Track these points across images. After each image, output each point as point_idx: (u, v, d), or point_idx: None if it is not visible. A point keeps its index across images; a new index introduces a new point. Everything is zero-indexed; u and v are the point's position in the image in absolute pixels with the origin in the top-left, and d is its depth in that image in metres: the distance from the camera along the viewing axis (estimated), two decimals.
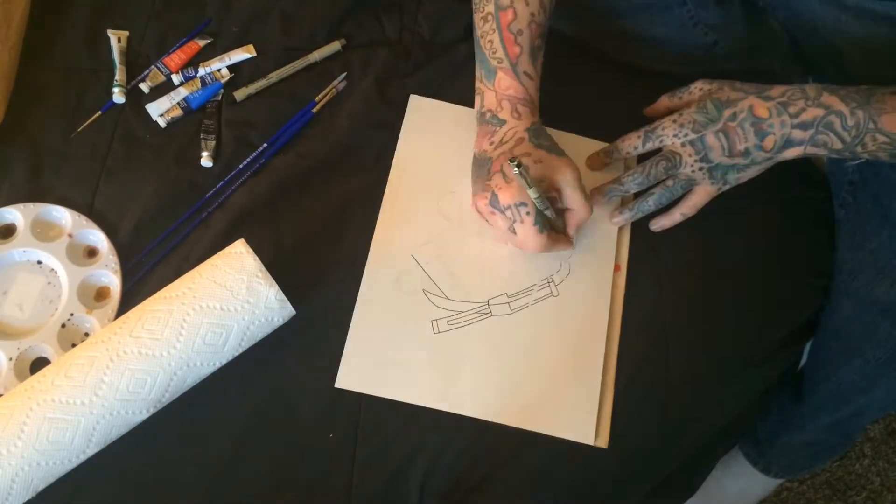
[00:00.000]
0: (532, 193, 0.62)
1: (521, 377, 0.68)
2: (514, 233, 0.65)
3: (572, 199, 0.66)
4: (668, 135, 0.68)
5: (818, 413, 0.92)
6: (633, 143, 0.70)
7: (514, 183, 0.63)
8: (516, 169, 0.59)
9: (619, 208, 0.73)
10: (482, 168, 0.67)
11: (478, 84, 0.70)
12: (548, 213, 0.65)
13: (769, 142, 0.65)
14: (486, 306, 0.70)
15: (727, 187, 0.70)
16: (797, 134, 0.64)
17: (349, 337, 0.67)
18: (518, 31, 0.67)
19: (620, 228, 0.74)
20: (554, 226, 0.68)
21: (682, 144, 0.67)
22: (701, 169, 0.68)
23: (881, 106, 0.62)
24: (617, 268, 0.73)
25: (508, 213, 0.64)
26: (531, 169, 0.63)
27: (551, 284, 0.71)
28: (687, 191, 0.70)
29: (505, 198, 0.63)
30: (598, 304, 0.71)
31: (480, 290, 0.70)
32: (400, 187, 0.74)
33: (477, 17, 0.70)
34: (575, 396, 0.68)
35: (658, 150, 0.70)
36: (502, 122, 0.67)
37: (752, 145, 0.66)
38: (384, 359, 0.67)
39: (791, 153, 0.66)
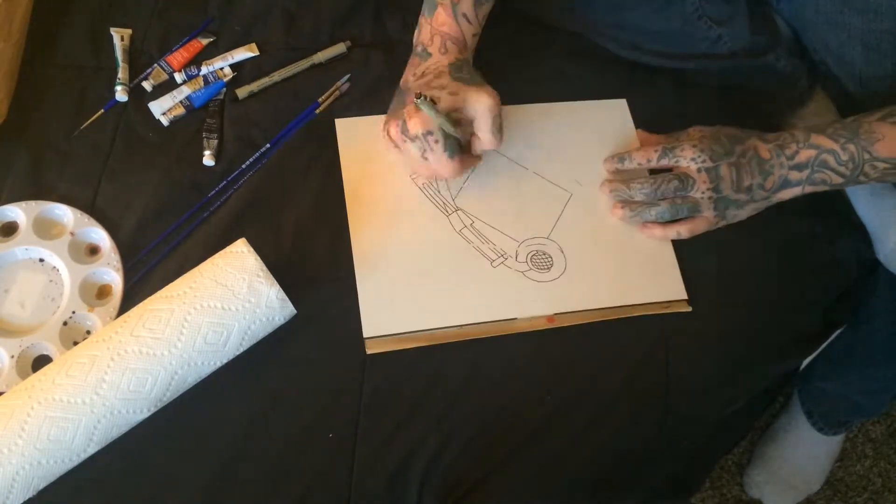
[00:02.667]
0: (436, 121, 0.63)
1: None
2: (427, 159, 0.67)
3: (480, 127, 0.67)
4: (686, 157, 0.69)
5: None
6: (648, 156, 0.72)
7: (422, 112, 0.64)
8: (418, 101, 0.61)
9: (621, 205, 0.73)
10: (401, 98, 0.70)
11: (420, 18, 0.72)
12: (457, 135, 0.67)
13: (770, 182, 0.69)
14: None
15: (723, 223, 0.72)
16: (794, 175, 0.68)
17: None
18: None
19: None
20: (465, 149, 0.71)
21: (698, 170, 0.69)
22: (710, 198, 0.70)
23: (871, 135, 0.65)
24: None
25: (418, 142, 0.65)
26: (444, 101, 0.65)
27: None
28: (688, 215, 0.71)
29: (413, 125, 0.64)
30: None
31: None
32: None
33: None
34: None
35: (667, 169, 0.71)
36: (429, 56, 0.70)
37: (756, 183, 0.69)
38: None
39: (788, 194, 0.70)
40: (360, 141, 0.76)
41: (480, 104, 0.66)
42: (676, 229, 0.72)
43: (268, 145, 0.75)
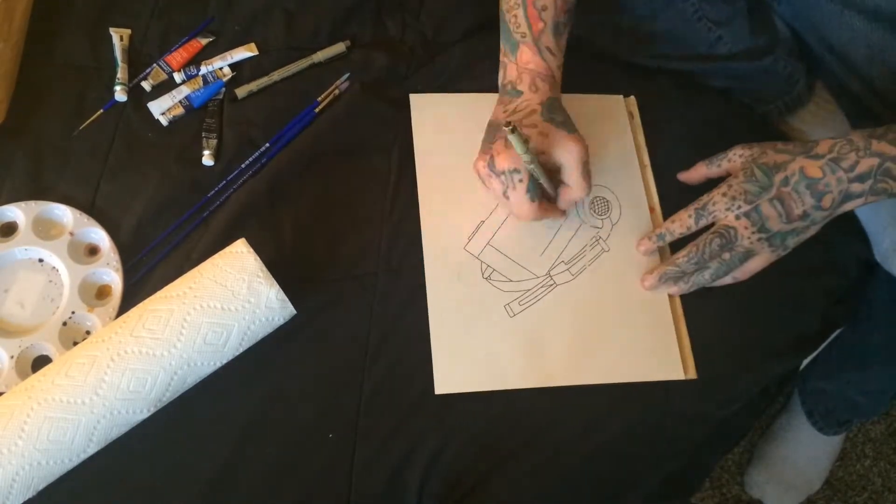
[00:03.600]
0: (525, 159, 0.62)
1: (600, 335, 0.70)
2: (508, 198, 0.66)
3: (570, 176, 0.66)
4: (721, 209, 0.65)
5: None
6: (686, 224, 0.68)
7: (512, 150, 0.63)
8: (509, 132, 0.58)
9: (674, 283, 0.72)
10: (491, 133, 0.68)
11: (501, 57, 0.71)
12: (542, 182, 0.66)
13: (827, 200, 0.63)
14: (549, 278, 0.72)
15: (787, 252, 0.68)
16: (856, 187, 0.62)
17: (433, 343, 0.68)
18: (543, 6, 0.68)
19: (643, 176, 0.77)
20: (548, 196, 0.69)
21: (737, 217, 0.65)
22: (759, 240, 0.65)
23: None
24: (651, 210, 0.76)
25: (503, 178, 0.64)
26: (534, 140, 0.64)
27: (601, 241, 0.74)
28: (745, 261, 0.68)
29: (500, 162, 0.64)
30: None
31: (538, 265, 0.72)
32: (431, 187, 0.74)
33: None
34: (655, 338, 0.71)
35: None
36: (520, 94, 0.68)
37: (811, 206, 0.63)
38: (473, 355, 0.68)
39: (851, 205, 0.64)
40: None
41: (570, 152, 0.65)
42: (732, 275, 0.69)
43: (267, 145, 0.75)
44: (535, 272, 0.72)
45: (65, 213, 0.70)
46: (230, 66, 0.80)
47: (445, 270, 0.71)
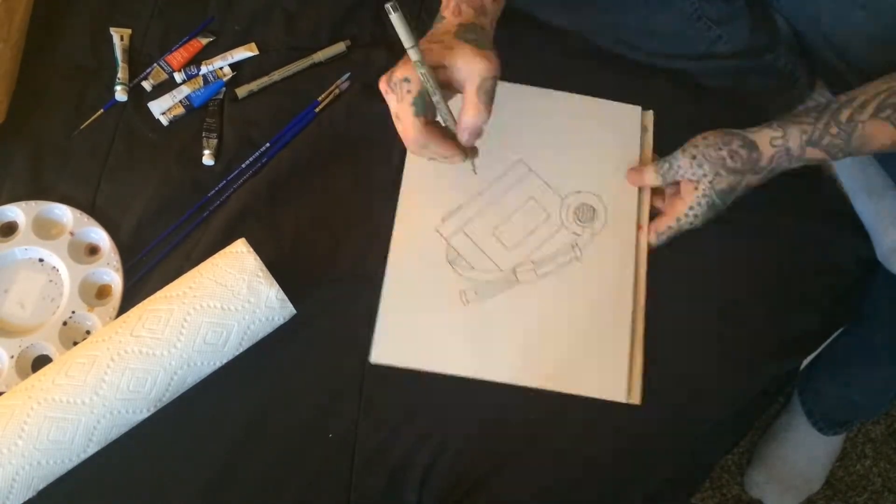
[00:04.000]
0: (415, 57, 0.55)
1: (550, 341, 0.69)
2: (398, 118, 0.60)
3: (467, 94, 0.59)
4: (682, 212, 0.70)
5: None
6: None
7: (409, 62, 0.57)
8: (391, 9, 0.52)
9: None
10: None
11: None
12: (435, 98, 0.59)
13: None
14: (513, 274, 0.71)
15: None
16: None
17: (380, 313, 0.68)
18: None
19: (640, 190, 0.75)
20: (445, 120, 0.63)
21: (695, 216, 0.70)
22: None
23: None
24: (639, 227, 0.74)
25: (396, 90, 0.59)
26: (434, 53, 0.58)
27: (575, 248, 0.72)
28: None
29: (397, 72, 0.59)
30: (623, 265, 0.72)
31: (505, 259, 0.71)
32: (416, 168, 0.74)
33: None
34: (605, 356, 0.69)
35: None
36: (443, 19, 0.64)
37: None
38: (416, 332, 0.68)
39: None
40: None
41: (472, 66, 0.58)
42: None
43: (267, 144, 0.75)
44: (500, 265, 0.71)
45: (65, 213, 0.70)
46: (230, 65, 0.80)
47: (411, 246, 0.70)
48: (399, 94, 0.58)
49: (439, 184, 0.73)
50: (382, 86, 0.60)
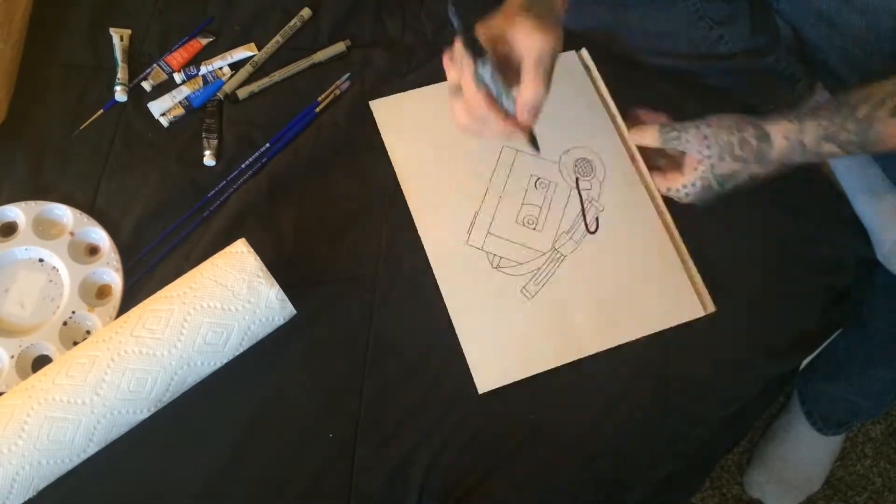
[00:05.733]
0: (479, 68, 0.57)
1: (617, 294, 0.71)
2: (459, 91, 0.60)
3: (525, 70, 0.58)
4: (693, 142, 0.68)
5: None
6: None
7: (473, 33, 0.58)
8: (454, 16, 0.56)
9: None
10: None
11: None
12: (482, 70, 0.58)
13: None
14: (555, 251, 0.72)
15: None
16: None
17: (464, 346, 0.68)
18: None
19: (616, 126, 0.77)
20: (497, 96, 0.62)
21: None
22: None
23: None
24: (633, 159, 0.76)
25: (458, 65, 0.59)
26: (494, 24, 0.58)
27: (594, 203, 0.74)
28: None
29: (458, 45, 0.59)
30: (637, 195, 0.75)
31: (541, 241, 0.73)
32: (416, 189, 0.74)
33: None
34: (667, 285, 0.72)
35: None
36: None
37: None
38: (503, 346, 0.68)
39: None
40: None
41: (530, 40, 0.57)
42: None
43: (267, 144, 0.75)
44: (540, 249, 0.72)
45: (65, 213, 0.70)
46: (230, 65, 0.80)
47: (454, 269, 0.71)
48: (462, 65, 0.58)
49: (445, 201, 0.74)
50: (445, 60, 0.61)
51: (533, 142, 0.66)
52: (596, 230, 0.73)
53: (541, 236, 0.73)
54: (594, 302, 0.70)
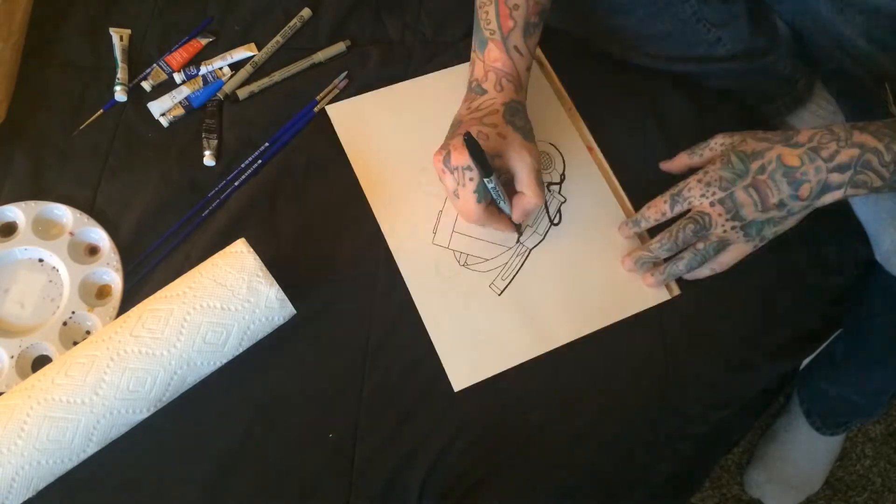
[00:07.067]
0: (490, 185, 0.63)
1: (586, 282, 0.72)
2: (458, 197, 0.65)
3: (524, 182, 0.65)
4: (695, 195, 0.65)
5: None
6: (661, 210, 0.67)
7: (462, 147, 0.62)
8: (466, 139, 0.60)
9: (650, 271, 0.71)
10: (453, 130, 0.68)
11: (472, 53, 0.71)
12: (490, 186, 0.64)
13: (805, 190, 0.62)
14: (521, 245, 0.73)
15: (764, 243, 0.66)
16: (835, 178, 0.61)
17: (435, 344, 0.68)
18: (514, 5, 0.67)
19: (572, 119, 0.79)
20: (498, 203, 0.68)
21: (711, 204, 0.64)
22: (734, 228, 0.64)
23: None
24: (590, 149, 0.78)
25: (456, 174, 0.63)
26: (492, 141, 0.63)
27: (556, 195, 0.76)
28: (720, 250, 0.67)
29: (456, 158, 0.63)
30: (597, 185, 0.77)
31: (506, 236, 0.73)
32: (378, 192, 0.74)
33: None
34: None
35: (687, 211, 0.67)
36: (485, 92, 0.68)
37: (787, 196, 0.62)
38: (476, 344, 0.68)
39: (830, 197, 0.62)
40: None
41: (524, 160, 0.64)
42: (710, 267, 0.68)
43: (267, 144, 0.75)
44: (506, 244, 0.73)
45: (65, 213, 0.70)
46: (230, 65, 0.80)
47: (422, 270, 0.71)
48: (461, 179, 0.63)
49: (408, 205, 0.74)
50: (437, 165, 0.65)
51: (519, 232, 0.73)
52: (559, 222, 0.74)
53: (505, 232, 0.73)
54: (563, 292, 0.71)
